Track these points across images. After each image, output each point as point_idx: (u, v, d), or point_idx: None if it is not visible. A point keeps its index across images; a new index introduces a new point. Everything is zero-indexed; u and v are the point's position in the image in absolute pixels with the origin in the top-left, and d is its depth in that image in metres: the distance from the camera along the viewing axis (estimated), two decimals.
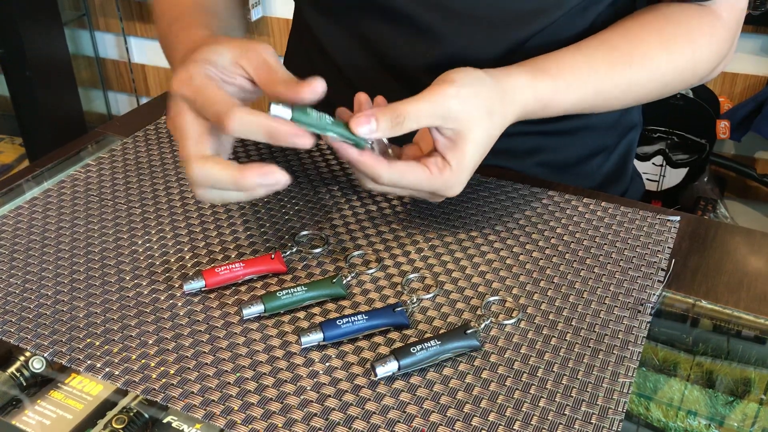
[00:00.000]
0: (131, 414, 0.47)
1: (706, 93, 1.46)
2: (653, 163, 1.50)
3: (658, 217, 0.62)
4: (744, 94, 1.49)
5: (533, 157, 0.71)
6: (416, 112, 0.50)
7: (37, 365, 0.51)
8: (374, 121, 0.49)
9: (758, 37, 1.44)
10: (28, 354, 0.50)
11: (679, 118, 1.45)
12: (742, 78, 1.48)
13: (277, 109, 0.48)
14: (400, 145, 0.56)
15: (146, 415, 0.47)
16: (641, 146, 1.49)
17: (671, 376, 0.51)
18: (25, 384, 0.50)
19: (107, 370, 0.48)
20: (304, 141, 0.48)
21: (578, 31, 0.64)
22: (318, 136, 0.50)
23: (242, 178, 0.48)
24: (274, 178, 0.48)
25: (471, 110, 0.51)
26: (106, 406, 0.48)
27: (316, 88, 0.48)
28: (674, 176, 1.50)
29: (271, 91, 0.50)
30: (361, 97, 0.53)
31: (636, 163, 1.50)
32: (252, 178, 0.48)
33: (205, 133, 0.50)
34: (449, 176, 0.52)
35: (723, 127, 1.41)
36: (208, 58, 0.50)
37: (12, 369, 0.51)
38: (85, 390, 0.49)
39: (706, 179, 1.50)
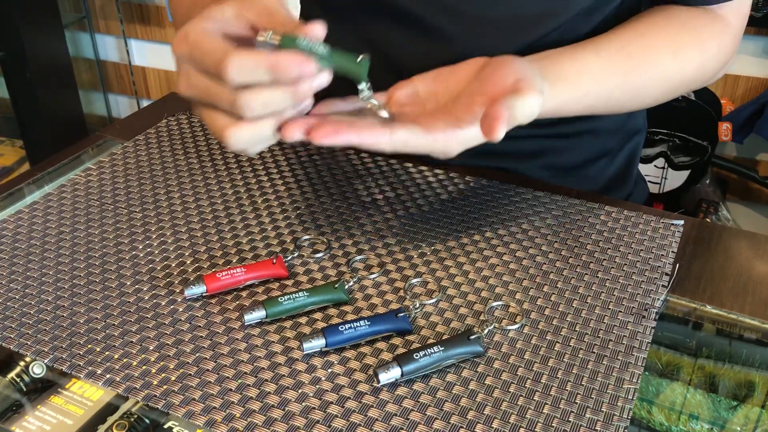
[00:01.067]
0: (132, 419, 0.47)
1: (708, 95, 1.45)
2: (655, 166, 1.49)
3: (661, 221, 0.62)
4: (746, 97, 1.48)
5: (538, 159, 0.71)
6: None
7: (38, 370, 0.51)
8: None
9: (760, 39, 1.44)
10: (28, 359, 0.50)
11: (681, 120, 1.45)
12: (744, 80, 1.48)
13: (264, 36, 0.45)
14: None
15: (147, 421, 0.47)
16: (643, 148, 1.48)
17: (674, 380, 0.51)
18: (25, 389, 0.49)
19: (108, 376, 0.48)
20: (310, 68, 0.44)
21: (584, 33, 0.63)
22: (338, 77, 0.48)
23: (278, 60, 0.44)
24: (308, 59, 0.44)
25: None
26: (107, 411, 0.47)
27: (315, 30, 0.46)
28: (676, 178, 1.49)
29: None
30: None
31: (639, 166, 1.50)
32: (289, 59, 0.44)
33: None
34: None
35: (725, 129, 1.40)
36: (208, 15, 0.48)
37: (12, 374, 0.50)
38: (85, 395, 0.48)
39: (708, 181, 1.50)
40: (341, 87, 0.52)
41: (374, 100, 0.51)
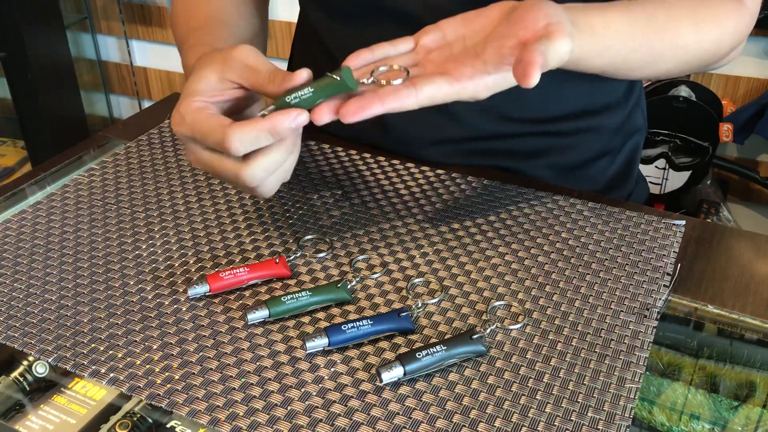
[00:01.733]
0: (135, 419, 0.47)
1: (708, 96, 1.45)
2: (656, 166, 1.49)
3: (663, 221, 0.62)
4: (747, 97, 1.48)
5: (539, 159, 0.71)
6: (484, 13, 0.50)
7: (41, 369, 0.51)
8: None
9: (761, 40, 1.44)
10: (31, 358, 0.50)
11: (681, 121, 1.45)
12: (745, 81, 1.48)
13: (265, 111, 0.49)
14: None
15: (150, 420, 0.47)
16: (644, 149, 1.48)
17: (676, 380, 0.51)
18: (28, 388, 0.50)
19: (112, 375, 0.48)
20: (302, 117, 0.48)
21: None
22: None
23: (274, 121, 0.48)
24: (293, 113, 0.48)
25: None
26: (110, 410, 0.48)
27: (301, 75, 0.49)
28: (677, 179, 1.49)
29: (262, 91, 0.51)
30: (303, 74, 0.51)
31: (640, 167, 1.50)
32: (281, 119, 0.48)
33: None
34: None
35: (726, 130, 1.40)
36: (194, 89, 0.51)
37: (15, 373, 0.51)
38: (88, 395, 0.49)
39: (709, 182, 1.50)
40: None
41: (382, 80, 0.50)
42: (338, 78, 0.48)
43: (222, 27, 0.63)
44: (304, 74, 0.49)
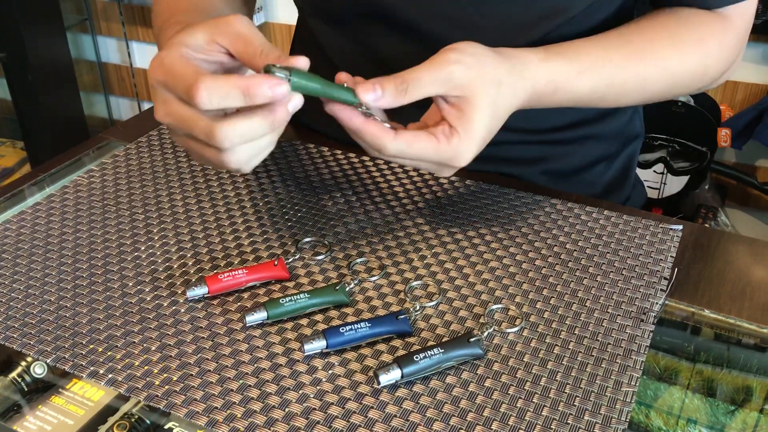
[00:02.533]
0: (133, 420, 0.47)
1: (707, 101, 1.46)
2: (654, 171, 1.50)
3: (660, 226, 0.63)
4: (745, 103, 1.49)
5: (536, 165, 0.71)
6: (419, 79, 0.50)
7: (39, 370, 0.51)
8: (379, 88, 0.49)
9: (759, 46, 1.45)
10: (29, 359, 0.50)
11: (680, 126, 1.45)
12: (743, 86, 1.49)
13: (276, 71, 0.46)
14: (405, 125, 0.55)
15: (148, 421, 0.47)
16: (642, 154, 1.49)
17: (673, 384, 0.51)
18: (26, 389, 0.50)
19: (110, 376, 0.48)
20: (282, 89, 0.45)
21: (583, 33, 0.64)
22: (312, 100, 0.50)
23: (249, 81, 0.45)
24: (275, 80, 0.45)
25: (475, 77, 0.51)
26: (108, 411, 0.48)
27: (299, 60, 0.47)
28: (675, 184, 1.50)
29: (250, 64, 0.48)
30: (342, 76, 0.52)
31: (637, 170, 1.50)
32: (257, 81, 0.45)
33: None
34: (457, 144, 0.51)
35: (724, 135, 1.41)
36: (181, 41, 0.49)
37: (13, 374, 0.51)
38: (86, 395, 0.49)
39: (707, 187, 1.50)
40: None
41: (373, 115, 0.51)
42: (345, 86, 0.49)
43: (208, 13, 0.62)
44: (302, 60, 0.48)
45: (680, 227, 0.62)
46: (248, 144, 0.47)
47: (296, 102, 0.47)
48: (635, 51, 0.60)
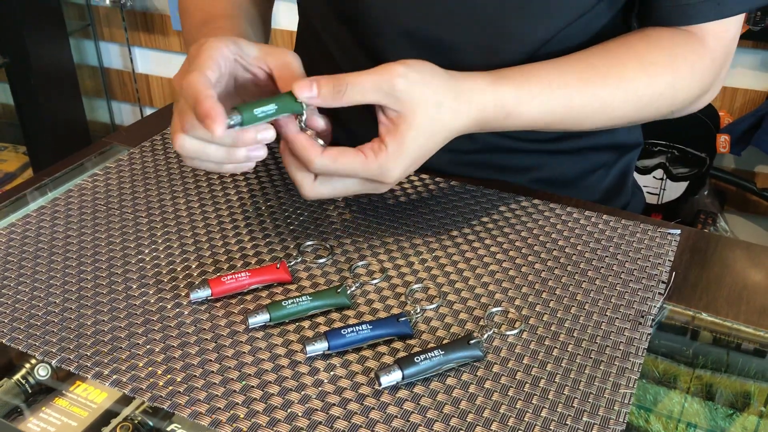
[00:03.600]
0: (135, 422, 0.48)
1: (706, 107, 1.46)
2: (654, 177, 1.50)
3: (658, 230, 0.63)
4: (744, 109, 1.50)
5: (532, 173, 0.72)
6: (359, 83, 0.51)
7: (43, 372, 0.51)
8: (315, 87, 0.50)
9: (758, 52, 1.45)
10: (33, 361, 0.51)
11: (679, 132, 1.46)
12: (742, 92, 1.49)
13: (229, 117, 0.49)
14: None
15: (150, 423, 0.47)
16: (642, 159, 1.50)
17: (671, 388, 0.52)
18: (30, 391, 0.50)
19: (115, 377, 0.49)
20: (215, 127, 0.47)
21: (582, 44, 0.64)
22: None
23: (201, 101, 0.48)
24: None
25: (416, 94, 0.51)
26: (111, 413, 0.48)
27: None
28: (674, 190, 1.50)
29: (284, 90, 0.52)
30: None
31: (636, 176, 1.51)
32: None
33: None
34: (385, 160, 0.52)
35: (723, 141, 1.42)
36: (236, 40, 0.53)
37: (18, 376, 0.51)
38: (89, 398, 0.49)
39: (706, 193, 1.51)
40: None
41: (309, 130, 0.54)
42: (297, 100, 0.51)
43: (248, 24, 0.65)
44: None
45: (678, 231, 0.63)
46: (195, 156, 0.52)
47: (267, 135, 0.51)
48: (597, 74, 0.59)
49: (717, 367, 0.53)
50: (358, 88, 0.51)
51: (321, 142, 0.53)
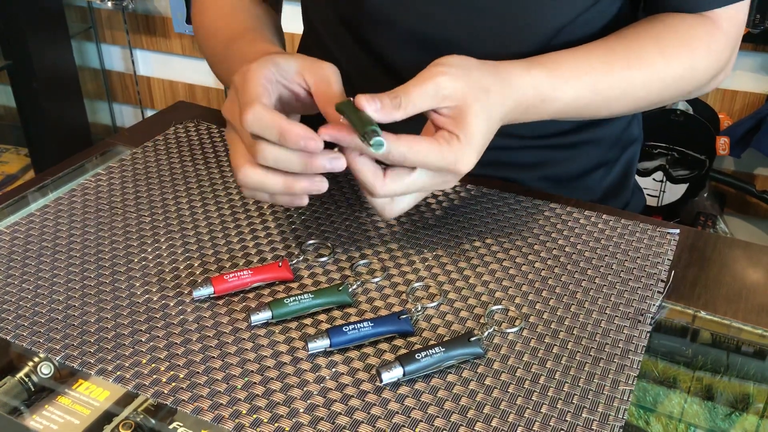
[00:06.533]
0: (138, 420, 0.48)
1: (706, 110, 1.47)
2: (654, 179, 1.51)
3: (658, 229, 0.64)
4: (744, 111, 1.50)
5: (536, 170, 0.72)
6: (408, 93, 0.51)
7: (46, 371, 0.52)
8: (378, 101, 0.50)
9: (757, 55, 1.46)
10: (36, 359, 0.51)
11: (679, 134, 1.47)
12: (742, 95, 1.50)
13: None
14: None
15: (153, 421, 0.48)
16: (642, 162, 1.50)
17: (669, 387, 0.52)
18: (33, 389, 0.51)
19: (118, 373, 0.49)
20: (314, 145, 0.49)
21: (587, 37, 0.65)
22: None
23: (288, 130, 0.49)
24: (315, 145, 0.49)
25: (464, 86, 0.52)
26: (113, 412, 0.49)
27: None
28: (674, 192, 1.51)
29: (323, 107, 0.52)
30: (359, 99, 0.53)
31: (636, 178, 1.51)
32: (297, 134, 0.49)
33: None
34: (459, 147, 0.51)
35: (723, 143, 1.42)
36: (274, 60, 0.53)
37: (21, 374, 0.52)
38: (92, 395, 0.50)
39: (705, 195, 1.51)
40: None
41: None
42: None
43: (272, 34, 0.66)
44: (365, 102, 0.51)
45: (677, 231, 0.63)
46: (279, 174, 0.52)
47: (338, 164, 0.51)
48: (620, 58, 0.60)
49: (715, 366, 0.53)
50: (409, 98, 0.51)
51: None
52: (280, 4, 0.78)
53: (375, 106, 0.50)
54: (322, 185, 0.52)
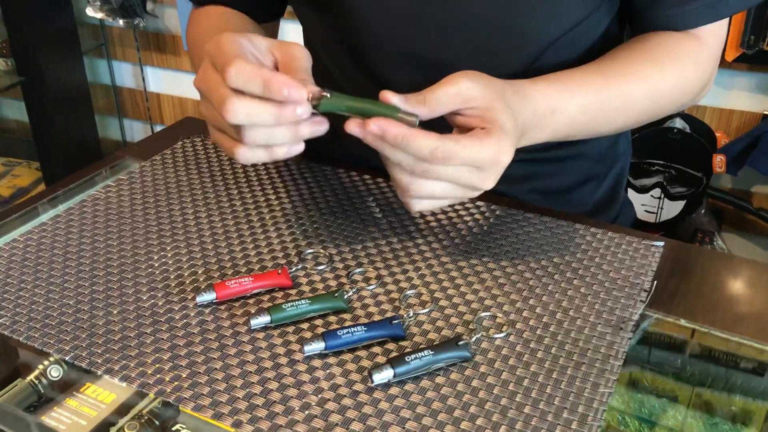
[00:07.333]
0: (142, 421, 0.51)
1: (703, 128, 1.50)
2: (652, 196, 1.53)
3: (643, 242, 0.66)
4: (740, 130, 1.53)
5: (527, 183, 0.75)
6: (433, 91, 0.53)
7: (55, 374, 0.55)
8: (402, 96, 0.52)
9: (753, 75, 1.49)
10: (46, 363, 0.54)
11: (676, 152, 1.49)
12: (738, 114, 1.53)
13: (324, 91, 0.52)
14: None
15: (157, 422, 0.50)
16: (640, 178, 1.52)
17: (648, 393, 0.54)
18: (43, 391, 0.53)
19: (124, 373, 0.52)
20: (298, 93, 0.50)
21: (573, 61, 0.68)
22: (336, 117, 0.54)
23: (271, 78, 0.49)
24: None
25: (484, 87, 0.54)
26: (119, 413, 0.51)
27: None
28: (672, 208, 1.53)
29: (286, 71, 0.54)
30: (387, 95, 0.54)
31: (635, 195, 1.54)
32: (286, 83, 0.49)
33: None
34: (497, 138, 0.52)
35: (719, 161, 1.45)
36: (246, 34, 0.55)
37: (31, 377, 0.54)
38: (99, 399, 0.52)
39: (703, 212, 1.54)
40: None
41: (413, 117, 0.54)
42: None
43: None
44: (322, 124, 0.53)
45: (661, 244, 0.66)
46: (255, 129, 0.52)
47: (321, 128, 0.52)
48: (616, 73, 0.64)
49: (694, 373, 0.56)
50: (434, 98, 0.53)
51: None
52: (275, 30, 0.81)
53: (400, 98, 0.52)
54: (321, 127, 0.52)
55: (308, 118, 0.52)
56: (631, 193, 1.53)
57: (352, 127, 0.52)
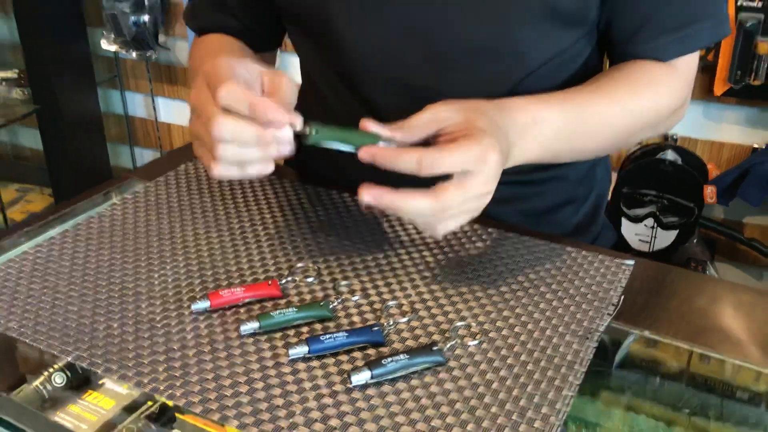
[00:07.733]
0: (139, 425, 0.55)
1: (695, 160, 1.54)
2: (645, 225, 1.57)
3: (614, 260, 0.70)
4: (731, 162, 1.57)
5: (507, 205, 0.79)
6: (408, 119, 0.58)
7: (59, 380, 0.59)
8: (381, 126, 0.57)
9: (742, 109, 1.53)
10: (51, 370, 0.58)
11: (669, 183, 1.53)
12: (729, 147, 1.57)
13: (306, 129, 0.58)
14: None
15: (153, 427, 0.54)
16: (633, 209, 1.56)
17: (608, 403, 0.57)
18: (47, 397, 0.57)
19: (122, 372, 0.56)
20: (281, 117, 0.55)
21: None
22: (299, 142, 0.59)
23: (257, 102, 0.55)
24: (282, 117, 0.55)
25: (459, 107, 0.58)
26: (118, 418, 0.55)
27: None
28: (665, 238, 1.57)
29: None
30: (367, 123, 0.59)
31: (628, 224, 1.57)
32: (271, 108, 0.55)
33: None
34: (480, 139, 0.55)
35: (710, 192, 1.48)
36: (241, 60, 0.61)
37: (36, 383, 0.58)
38: (99, 405, 0.56)
39: (695, 241, 1.57)
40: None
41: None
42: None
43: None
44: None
45: (632, 262, 0.70)
46: (228, 147, 0.57)
47: (285, 150, 0.58)
48: (595, 95, 0.69)
49: (641, 379, 0.59)
50: (410, 126, 0.58)
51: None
52: (273, 60, 0.87)
53: (379, 126, 0.57)
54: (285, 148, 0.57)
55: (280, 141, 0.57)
56: (625, 223, 1.57)
57: (362, 156, 0.58)
